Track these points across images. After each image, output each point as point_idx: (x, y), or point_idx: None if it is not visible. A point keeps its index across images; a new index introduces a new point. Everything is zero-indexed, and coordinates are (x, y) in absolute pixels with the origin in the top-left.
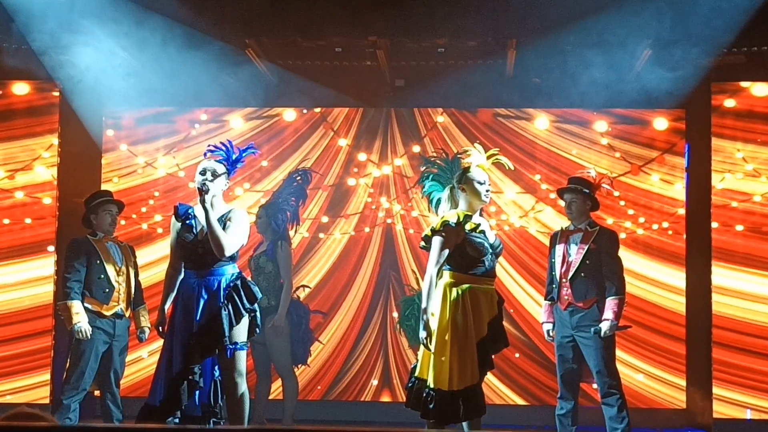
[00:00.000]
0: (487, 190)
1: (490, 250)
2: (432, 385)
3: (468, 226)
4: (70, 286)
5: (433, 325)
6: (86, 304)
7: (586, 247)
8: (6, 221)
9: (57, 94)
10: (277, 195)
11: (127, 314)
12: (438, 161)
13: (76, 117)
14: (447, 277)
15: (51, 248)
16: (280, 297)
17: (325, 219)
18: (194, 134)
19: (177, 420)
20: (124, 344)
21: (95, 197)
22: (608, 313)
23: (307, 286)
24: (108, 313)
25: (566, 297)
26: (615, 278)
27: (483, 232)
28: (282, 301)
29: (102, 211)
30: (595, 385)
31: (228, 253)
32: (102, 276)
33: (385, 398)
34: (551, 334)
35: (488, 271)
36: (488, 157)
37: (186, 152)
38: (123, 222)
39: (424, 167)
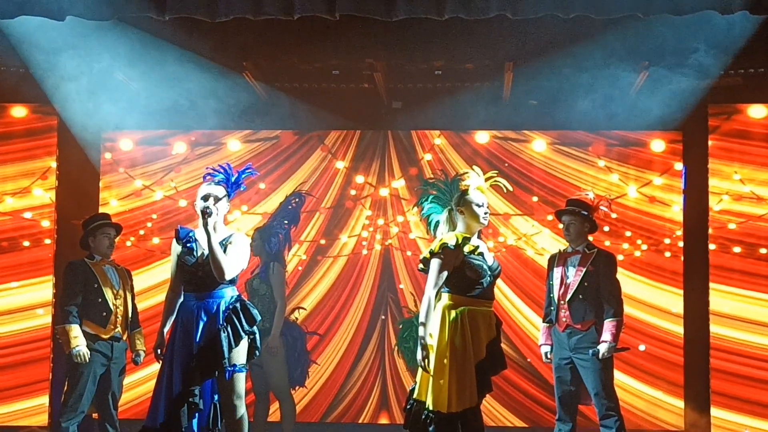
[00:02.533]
0: (485, 213)
1: (489, 273)
2: (431, 408)
3: (467, 249)
4: (69, 310)
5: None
6: (84, 328)
7: (584, 270)
8: (3, 244)
9: (55, 117)
10: (272, 218)
11: (124, 337)
12: (437, 183)
13: (74, 140)
14: (445, 299)
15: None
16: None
17: (322, 241)
18: (192, 157)
19: None
20: (121, 366)
21: (93, 220)
22: (606, 335)
23: (302, 308)
24: (106, 336)
25: (564, 319)
26: (613, 300)
27: (481, 254)
28: (275, 322)
29: (100, 234)
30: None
31: (228, 276)
32: (100, 299)
33: (383, 420)
34: (549, 356)
35: (486, 293)
36: (486, 180)
37: (184, 175)
38: (127, 243)
39: (423, 189)
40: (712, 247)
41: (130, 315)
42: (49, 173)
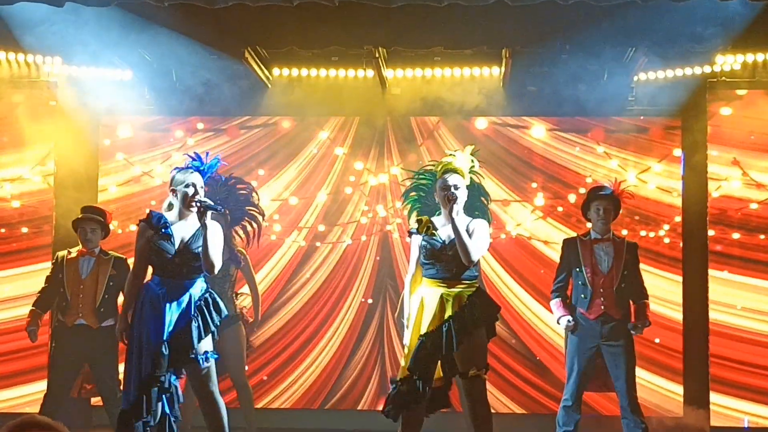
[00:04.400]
0: (446, 195)
1: (437, 252)
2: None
3: (425, 229)
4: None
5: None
6: (58, 316)
7: (622, 258)
8: (2, 230)
9: (54, 102)
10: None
11: (101, 324)
12: (422, 175)
13: (73, 126)
14: None
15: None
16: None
17: (321, 227)
18: (191, 143)
19: (153, 423)
20: (108, 353)
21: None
22: (643, 315)
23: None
24: (69, 324)
25: (602, 307)
26: (643, 283)
27: (433, 234)
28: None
29: (79, 229)
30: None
31: (218, 269)
32: (62, 289)
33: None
34: (571, 322)
35: (439, 273)
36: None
37: (182, 161)
38: (119, 231)
39: (413, 179)
40: (711, 233)
41: (99, 301)
42: (47, 159)
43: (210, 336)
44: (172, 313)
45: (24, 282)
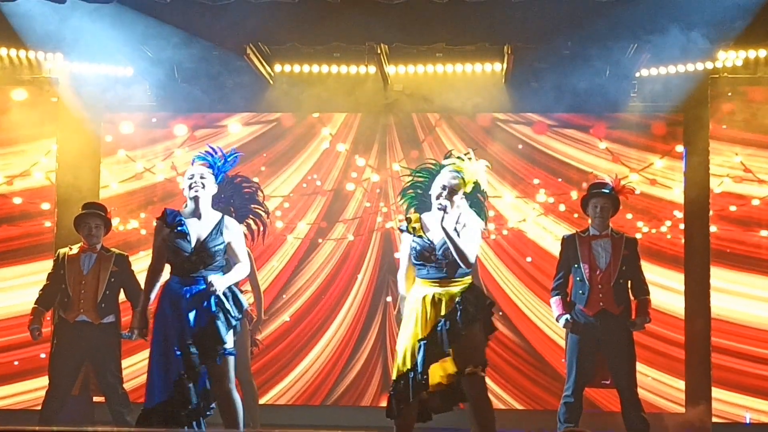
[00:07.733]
0: (437, 205)
1: (426, 252)
2: None
3: (414, 230)
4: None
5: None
6: (60, 313)
7: (620, 254)
8: (4, 226)
9: (55, 99)
10: (240, 204)
11: (102, 320)
12: (419, 173)
13: (75, 122)
14: None
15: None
16: None
17: (323, 224)
18: (193, 140)
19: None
20: (109, 349)
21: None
22: (644, 311)
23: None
24: (71, 320)
25: (601, 303)
26: (644, 281)
27: (421, 236)
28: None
29: (82, 224)
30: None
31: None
32: (63, 286)
33: (384, 403)
34: (570, 320)
35: (431, 274)
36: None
37: (184, 157)
38: (121, 228)
39: (411, 176)
40: (713, 229)
41: (99, 298)
42: (49, 156)
43: (231, 332)
44: (193, 311)
45: (26, 279)
